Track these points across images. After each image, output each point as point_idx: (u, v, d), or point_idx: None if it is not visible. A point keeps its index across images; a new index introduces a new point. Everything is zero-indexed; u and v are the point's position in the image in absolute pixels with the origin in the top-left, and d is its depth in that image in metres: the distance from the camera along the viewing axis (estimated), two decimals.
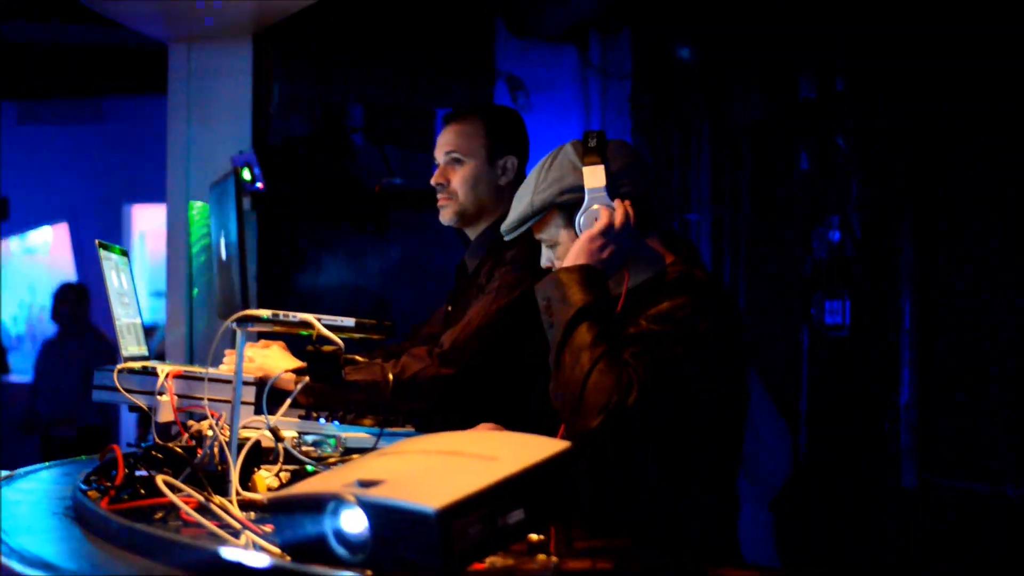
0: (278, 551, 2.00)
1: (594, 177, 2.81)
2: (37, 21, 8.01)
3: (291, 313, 2.63)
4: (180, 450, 2.56)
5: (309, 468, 2.84)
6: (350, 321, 2.76)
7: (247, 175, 5.63)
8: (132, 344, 3.47)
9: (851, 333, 6.76)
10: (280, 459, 2.79)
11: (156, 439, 2.80)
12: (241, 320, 2.55)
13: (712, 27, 6.75)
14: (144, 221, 10.86)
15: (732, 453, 2.87)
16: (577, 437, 2.60)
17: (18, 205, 9.73)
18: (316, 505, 1.92)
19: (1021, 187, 5.28)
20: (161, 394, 3.03)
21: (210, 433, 2.61)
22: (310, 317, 2.63)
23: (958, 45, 5.39)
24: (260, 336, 3.82)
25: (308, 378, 2.68)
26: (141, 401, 3.12)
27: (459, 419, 3.21)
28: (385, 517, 1.86)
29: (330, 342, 2.62)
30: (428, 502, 1.82)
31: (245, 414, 3.06)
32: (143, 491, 2.43)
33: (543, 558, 2.16)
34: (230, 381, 2.96)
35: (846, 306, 7.00)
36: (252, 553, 1.95)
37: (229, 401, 2.61)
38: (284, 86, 7.12)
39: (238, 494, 2.46)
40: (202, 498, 2.31)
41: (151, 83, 6.59)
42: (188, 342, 5.96)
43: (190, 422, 2.87)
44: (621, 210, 2.80)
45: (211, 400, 2.90)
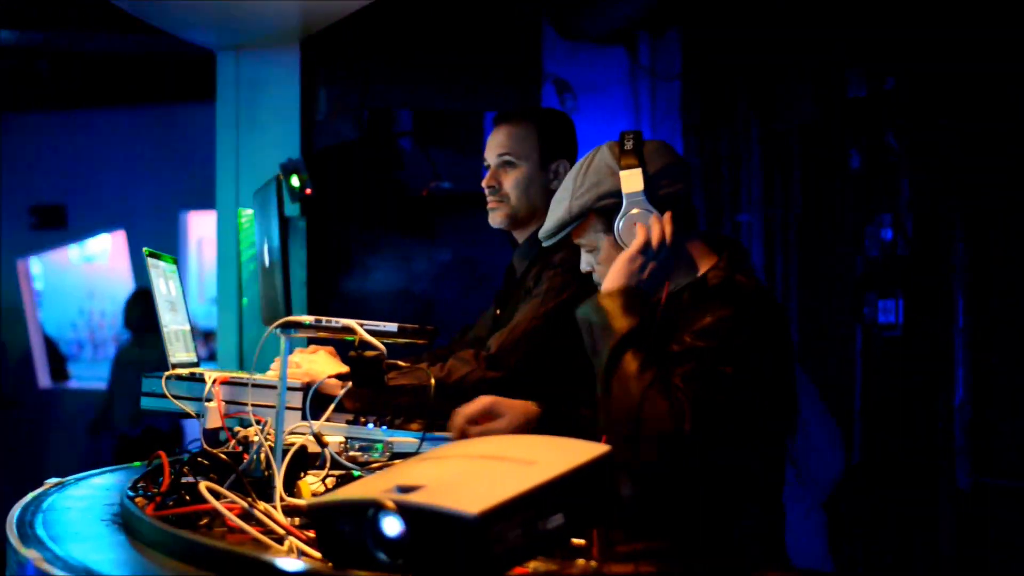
0: (320, 557, 2.01)
1: (631, 181, 2.77)
2: (89, 31, 8.10)
3: (333, 319, 2.64)
4: (225, 456, 2.58)
5: (355, 473, 2.85)
6: (393, 326, 2.77)
7: (295, 181, 5.67)
8: (181, 351, 3.50)
9: (904, 332, 6.70)
10: (327, 465, 2.80)
11: (204, 445, 2.82)
12: (283, 326, 2.57)
13: (760, 27, 6.71)
14: (201, 228, 10.95)
15: (778, 464, 2.83)
16: (632, 465, 2.58)
17: (76, 213, 9.84)
18: (356, 511, 1.93)
19: None
20: (208, 400, 3.05)
21: (256, 439, 2.63)
22: (352, 323, 2.64)
23: (1008, 45, 5.34)
24: (310, 342, 3.84)
25: (352, 383, 2.69)
26: (189, 407, 3.15)
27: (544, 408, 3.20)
28: (424, 522, 1.87)
29: (373, 347, 2.63)
30: (467, 507, 1.82)
31: (293, 420, 3.08)
32: (188, 497, 2.45)
33: (583, 563, 2.16)
34: (275, 387, 2.98)
35: (899, 305, 6.94)
36: (292, 560, 1.96)
37: (274, 407, 2.63)
38: (331, 92, 7.16)
39: (282, 500, 2.47)
40: (246, 504, 2.32)
41: (206, 90, 6.64)
42: (239, 349, 6.00)
43: (236, 428, 2.89)
44: (658, 227, 2.75)
45: (256, 406, 2.92)
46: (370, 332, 2.65)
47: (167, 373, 3.24)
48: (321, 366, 3.50)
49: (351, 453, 3.07)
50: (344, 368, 3.39)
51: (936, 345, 6.12)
